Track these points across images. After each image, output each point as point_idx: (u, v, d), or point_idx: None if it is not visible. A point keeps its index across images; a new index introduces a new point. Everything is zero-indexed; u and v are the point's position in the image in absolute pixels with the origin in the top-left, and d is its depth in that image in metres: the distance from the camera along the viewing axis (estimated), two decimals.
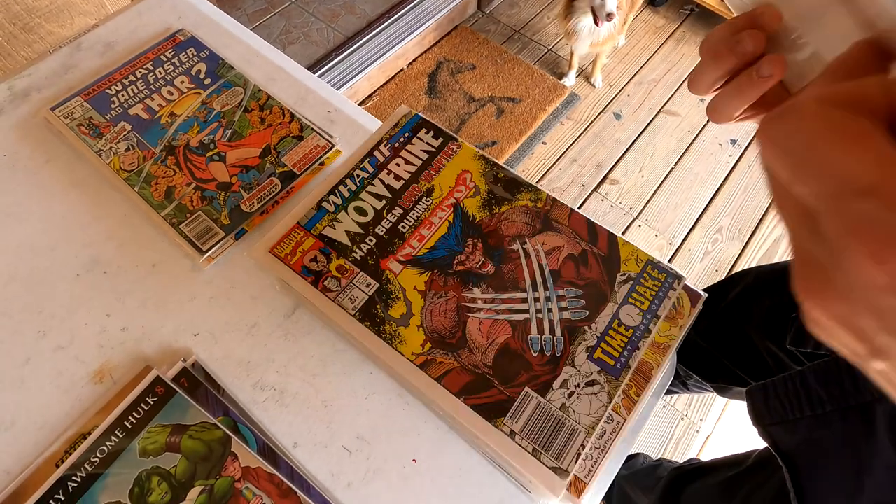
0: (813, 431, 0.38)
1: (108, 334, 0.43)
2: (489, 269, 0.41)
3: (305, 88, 0.57)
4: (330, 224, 0.43)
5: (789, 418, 0.39)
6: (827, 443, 0.37)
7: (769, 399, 0.41)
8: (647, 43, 1.79)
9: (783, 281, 0.55)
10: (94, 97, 0.53)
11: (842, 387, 0.35)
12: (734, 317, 0.59)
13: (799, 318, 0.47)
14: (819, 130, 0.14)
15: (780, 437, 0.40)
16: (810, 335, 0.43)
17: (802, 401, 0.38)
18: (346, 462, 0.40)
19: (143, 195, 0.48)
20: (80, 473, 0.37)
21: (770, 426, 0.41)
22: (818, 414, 0.37)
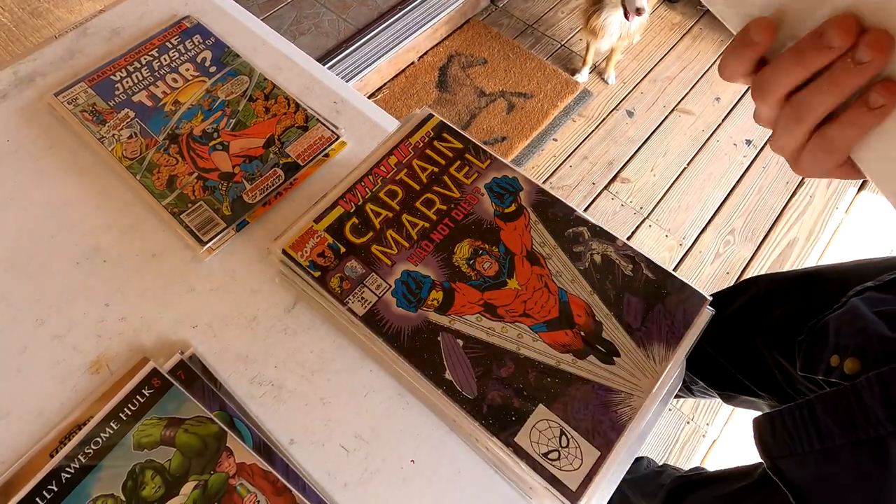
0: (822, 466, 0.36)
1: (107, 324, 0.43)
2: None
3: (312, 79, 0.56)
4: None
5: (797, 451, 0.37)
6: (838, 478, 0.35)
7: (776, 430, 0.39)
8: (663, 40, 1.75)
9: (794, 291, 0.53)
10: (99, 83, 0.53)
11: (852, 419, 0.34)
12: (742, 326, 0.57)
13: (807, 342, 0.45)
14: None
15: (789, 471, 0.38)
16: (820, 361, 0.42)
17: (811, 433, 0.36)
18: (343, 461, 0.39)
19: (144, 184, 0.48)
20: (73, 465, 0.36)
21: (779, 459, 0.39)
22: (827, 447, 0.35)
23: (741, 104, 1.63)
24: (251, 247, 0.46)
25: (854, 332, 0.38)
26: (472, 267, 0.40)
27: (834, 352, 0.39)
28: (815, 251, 1.39)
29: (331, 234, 0.41)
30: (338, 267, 0.40)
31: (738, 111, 1.61)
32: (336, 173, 0.49)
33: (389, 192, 0.43)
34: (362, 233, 0.41)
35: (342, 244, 0.41)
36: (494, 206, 0.42)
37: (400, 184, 0.43)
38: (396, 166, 0.44)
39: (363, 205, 0.42)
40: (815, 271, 0.54)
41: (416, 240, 0.41)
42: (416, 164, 0.44)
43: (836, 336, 0.40)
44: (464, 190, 0.43)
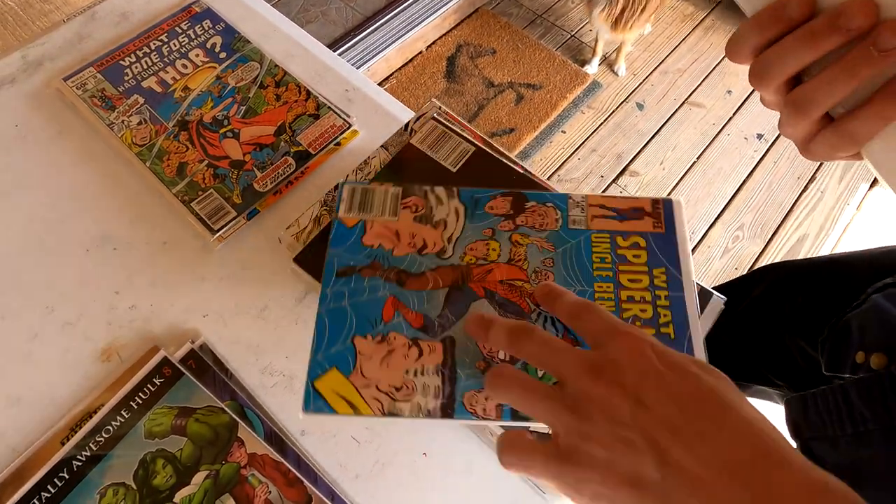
0: (855, 450, 0.35)
1: (117, 312, 0.42)
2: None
3: (323, 66, 0.55)
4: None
5: (829, 434, 0.37)
6: (871, 464, 0.34)
7: (808, 412, 0.38)
8: (674, 31, 1.73)
9: (818, 277, 0.52)
10: (108, 68, 0.52)
11: (886, 405, 0.33)
12: (762, 313, 0.56)
13: (829, 342, 0.44)
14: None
15: (822, 453, 0.38)
16: (846, 359, 0.41)
17: (844, 417, 0.36)
18: (354, 453, 0.38)
19: (154, 171, 0.47)
20: (84, 453, 0.36)
21: (810, 440, 0.39)
22: (860, 432, 0.35)
23: (753, 98, 1.60)
24: (262, 236, 0.46)
25: (879, 328, 0.38)
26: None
27: (859, 349, 0.38)
28: (825, 247, 1.37)
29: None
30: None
31: (750, 105, 1.59)
32: (348, 162, 0.48)
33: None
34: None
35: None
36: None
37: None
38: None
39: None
40: (840, 257, 0.53)
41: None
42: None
43: (860, 333, 0.39)
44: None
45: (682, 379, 0.22)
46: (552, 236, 0.37)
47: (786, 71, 0.23)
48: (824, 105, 0.23)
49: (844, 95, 0.22)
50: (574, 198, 0.38)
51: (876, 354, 0.36)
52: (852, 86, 0.22)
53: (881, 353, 0.36)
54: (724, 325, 0.60)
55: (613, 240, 0.37)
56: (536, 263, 0.35)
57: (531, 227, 0.37)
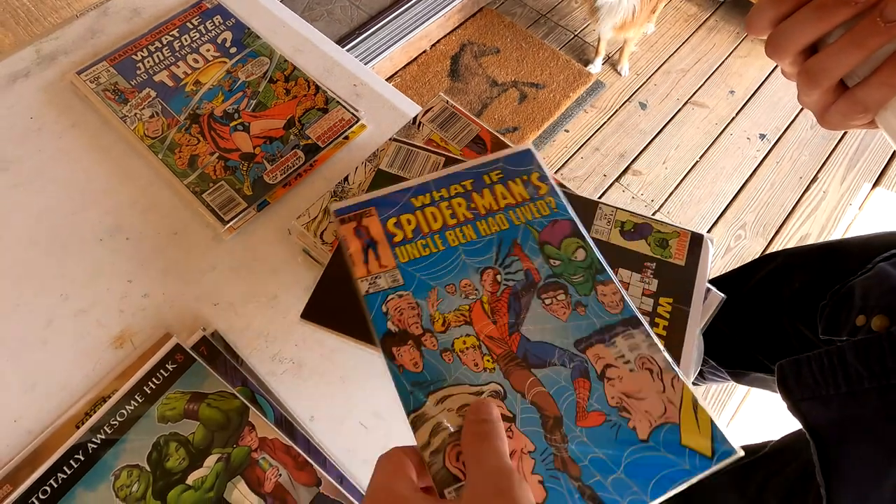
0: (847, 408, 0.36)
1: (130, 300, 0.43)
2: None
3: (332, 61, 0.56)
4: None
5: (822, 394, 0.37)
6: (862, 420, 0.35)
7: (801, 373, 0.39)
8: (678, 31, 1.73)
9: (814, 261, 0.53)
10: (120, 62, 0.53)
11: (883, 364, 0.34)
12: (760, 299, 0.57)
13: (830, 306, 0.45)
14: None
15: (811, 413, 0.39)
16: (845, 322, 0.42)
17: (838, 376, 0.36)
18: (362, 438, 0.39)
19: (166, 162, 0.48)
20: (99, 436, 0.37)
21: (801, 401, 0.40)
22: (855, 390, 0.36)
23: (756, 98, 1.61)
24: (272, 227, 0.47)
25: (882, 292, 0.39)
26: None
27: (860, 312, 0.39)
28: None
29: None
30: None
31: (753, 105, 1.60)
32: (356, 156, 0.49)
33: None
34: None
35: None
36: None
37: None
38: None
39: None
40: (836, 242, 0.54)
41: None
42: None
43: (863, 298, 0.40)
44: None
45: None
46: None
47: (800, 42, 0.24)
48: (835, 74, 0.24)
49: (854, 65, 0.23)
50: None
51: (878, 316, 0.37)
52: (861, 56, 0.23)
53: (882, 314, 0.37)
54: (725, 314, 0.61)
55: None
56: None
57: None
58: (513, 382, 0.31)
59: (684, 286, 0.37)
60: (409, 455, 0.28)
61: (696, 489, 0.67)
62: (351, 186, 0.43)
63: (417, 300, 0.33)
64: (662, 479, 0.28)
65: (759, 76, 1.65)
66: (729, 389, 1.19)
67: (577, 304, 0.33)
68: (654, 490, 0.28)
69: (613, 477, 0.28)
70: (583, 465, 0.28)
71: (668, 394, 0.30)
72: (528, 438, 0.29)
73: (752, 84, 1.63)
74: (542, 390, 0.30)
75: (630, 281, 0.37)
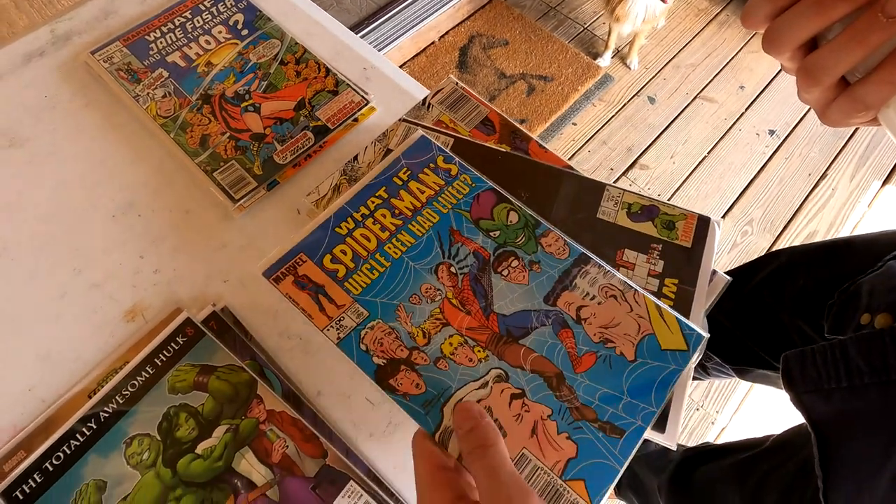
0: (847, 402, 0.36)
1: (142, 275, 0.44)
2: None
3: (342, 44, 0.56)
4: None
5: (824, 387, 0.38)
6: (861, 415, 0.35)
7: (805, 366, 0.39)
8: (688, 25, 1.72)
9: (819, 260, 0.53)
10: (133, 43, 0.54)
11: (885, 360, 0.34)
12: (764, 297, 0.57)
13: (837, 305, 0.45)
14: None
15: (813, 406, 0.39)
16: (850, 321, 0.42)
17: (840, 370, 0.37)
18: (368, 413, 0.40)
19: (178, 141, 0.48)
20: (111, 405, 0.38)
21: (804, 394, 0.40)
22: (855, 385, 0.36)
23: (766, 93, 1.60)
24: (281, 206, 0.47)
25: (888, 290, 0.39)
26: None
27: (866, 310, 0.39)
28: None
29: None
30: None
31: (763, 100, 1.58)
32: (365, 138, 0.50)
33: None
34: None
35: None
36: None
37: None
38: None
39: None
40: (842, 241, 0.54)
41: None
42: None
43: (869, 296, 0.40)
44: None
45: None
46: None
47: (798, 37, 0.24)
48: (834, 72, 0.23)
49: (854, 62, 0.23)
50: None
51: (882, 315, 0.37)
52: (862, 53, 0.22)
53: (887, 312, 0.37)
54: (729, 310, 0.61)
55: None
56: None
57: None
58: (508, 360, 0.32)
59: (690, 268, 0.37)
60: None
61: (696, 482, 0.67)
62: (360, 165, 0.43)
63: (390, 325, 0.33)
64: (660, 386, 0.30)
65: (770, 71, 1.64)
66: (732, 386, 1.19)
67: (530, 263, 0.34)
68: (656, 398, 0.30)
69: (622, 403, 0.30)
70: (595, 406, 0.30)
71: (636, 311, 0.32)
72: (543, 405, 0.30)
73: (762, 79, 1.62)
74: (536, 356, 0.31)
75: (636, 262, 0.37)
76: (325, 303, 0.33)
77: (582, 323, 0.32)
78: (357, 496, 0.36)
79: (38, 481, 0.36)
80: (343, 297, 0.34)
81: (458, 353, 0.32)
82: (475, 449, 0.27)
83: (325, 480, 0.37)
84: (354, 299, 0.34)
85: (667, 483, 0.67)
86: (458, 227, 0.36)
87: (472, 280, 0.34)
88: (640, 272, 0.37)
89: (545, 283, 0.34)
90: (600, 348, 0.31)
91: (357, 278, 0.34)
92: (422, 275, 0.34)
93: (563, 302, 0.33)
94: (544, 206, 0.39)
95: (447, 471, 0.27)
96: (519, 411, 0.30)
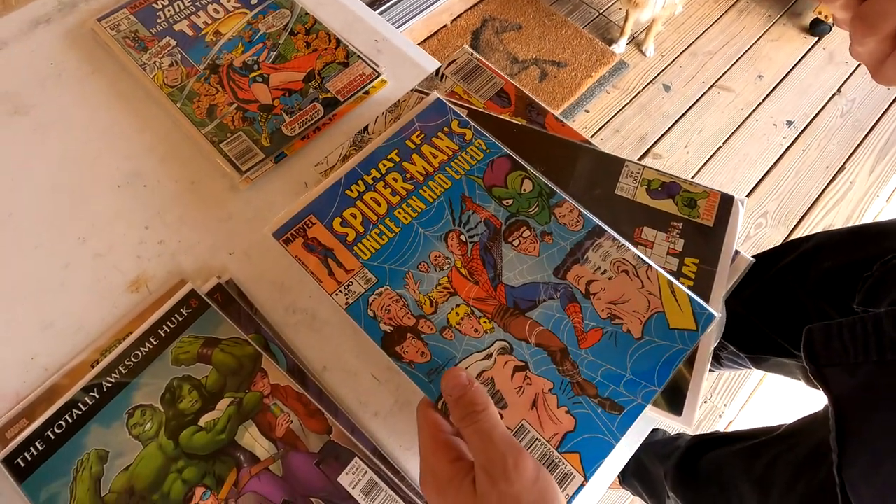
0: (876, 377, 0.35)
1: (146, 246, 0.43)
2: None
3: (354, 16, 0.54)
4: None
5: (849, 361, 0.36)
6: (888, 389, 0.34)
7: (831, 339, 0.38)
8: (707, 12, 1.68)
9: (846, 243, 0.51)
10: (141, 10, 0.52)
11: None
12: (787, 282, 0.56)
13: (873, 278, 0.43)
14: None
15: (834, 379, 0.38)
16: (885, 295, 0.40)
17: (870, 344, 0.35)
18: (374, 391, 0.39)
19: (184, 111, 0.47)
20: (114, 375, 0.37)
21: (825, 367, 0.39)
22: (886, 360, 0.34)
23: (785, 83, 1.56)
24: (289, 179, 0.46)
25: None
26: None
27: None
28: None
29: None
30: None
31: (782, 90, 1.55)
32: (376, 111, 0.48)
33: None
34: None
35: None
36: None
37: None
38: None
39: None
40: (871, 225, 0.52)
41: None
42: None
43: None
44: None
45: None
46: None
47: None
48: (894, 18, 0.21)
49: None
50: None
51: None
52: None
53: None
54: (747, 297, 0.59)
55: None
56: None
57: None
58: (514, 333, 0.31)
59: (712, 247, 0.35)
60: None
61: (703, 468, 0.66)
62: (371, 136, 0.42)
63: (398, 292, 0.33)
64: (664, 365, 0.30)
65: (790, 61, 1.59)
66: (740, 379, 1.17)
67: (542, 234, 0.33)
68: (659, 377, 0.29)
69: (624, 381, 0.30)
70: (597, 382, 0.29)
71: (647, 287, 0.31)
72: (545, 378, 0.29)
73: (781, 69, 1.58)
74: (541, 330, 0.31)
75: (655, 240, 0.36)
76: (335, 267, 0.33)
77: (591, 298, 0.32)
78: (361, 473, 0.35)
79: (40, 449, 0.35)
80: (352, 261, 0.33)
81: (464, 323, 0.31)
82: (467, 415, 0.27)
83: (329, 456, 0.36)
84: (363, 264, 0.33)
85: (673, 469, 0.66)
86: (470, 194, 0.34)
87: (482, 249, 0.33)
88: (658, 251, 0.36)
89: (556, 256, 0.32)
90: (607, 324, 0.31)
91: (366, 243, 0.33)
92: (431, 242, 0.33)
93: (572, 275, 0.32)
94: (560, 181, 0.38)
95: (447, 435, 0.28)
96: (521, 384, 0.30)
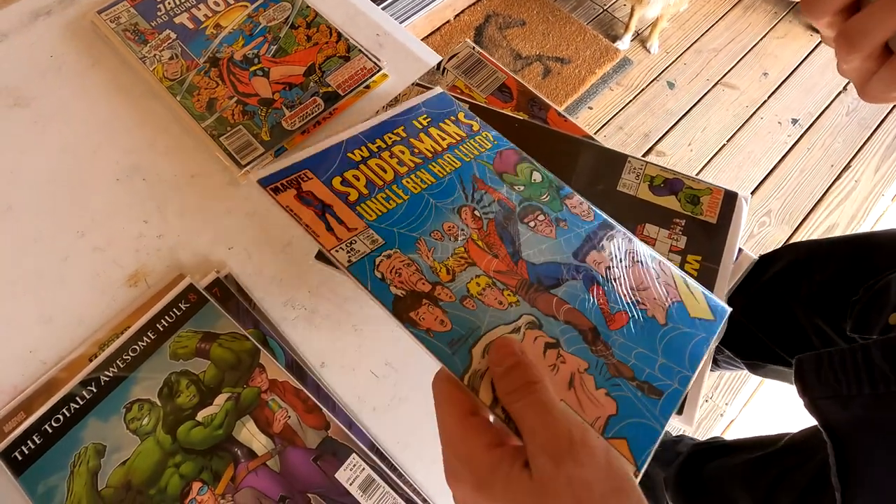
0: (871, 411, 0.34)
1: (145, 240, 0.43)
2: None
3: (355, 9, 0.54)
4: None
5: (842, 393, 0.35)
6: (886, 424, 0.33)
7: (822, 370, 0.37)
8: (712, 8, 1.67)
9: (838, 256, 0.50)
10: (141, 3, 0.52)
11: None
12: (778, 291, 0.55)
13: (862, 302, 0.43)
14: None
15: (829, 412, 0.37)
16: (877, 320, 0.40)
17: (862, 376, 0.34)
18: (372, 386, 0.39)
19: (184, 105, 0.47)
20: (112, 369, 0.37)
21: (819, 399, 0.38)
22: (880, 393, 0.34)
23: (790, 81, 1.55)
24: None
25: None
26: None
27: (893, 310, 0.37)
28: None
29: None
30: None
31: (787, 88, 1.53)
32: (377, 105, 0.48)
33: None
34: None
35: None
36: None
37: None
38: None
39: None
40: (864, 235, 0.51)
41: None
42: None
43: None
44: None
45: None
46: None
47: (832, 5, 0.21)
48: (876, 37, 0.21)
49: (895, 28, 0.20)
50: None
51: None
52: None
53: None
54: (742, 305, 0.59)
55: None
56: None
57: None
58: (541, 308, 0.29)
59: (714, 244, 0.35)
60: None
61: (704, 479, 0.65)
62: None
63: (409, 256, 0.30)
64: (693, 352, 0.29)
65: (795, 59, 1.58)
66: (742, 378, 1.17)
67: (557, 220, 0.33)
68: (690, 364, 0.29)
69: (659, 364, 0.28)
70: (632, 364, 0.28)
71: (662, 277, 0.31)
72: (579, 357, 0.28)
73: (787, 66, 1.57)
74: (569, 307, 0.29)
75: (657, 237, 0.36)
76: (334, 223, 0.31)
77: (612, 282, 0.30)
78: (359, 469, 0.35)
79: (38, 443, 0.35)
80: (355, 220, 0.31)
81: (486, 293, 0.29)
82: (520, 387, 0.23)
83: (326, 452, 0.36)
84: (368, 224, 0.31)
85: (674, 477, 0.66)
86: (481, 175, 0.33)
87: (499, 226, 0.32)
88: (661, 248, 0.35)
89: (573, 240, 0.32)
90: (632, 308, 0.30)
91: (371, 205, 0.32)
92: (444, 213, 0.32)
93: (591, 260, 0.31)
94: (562, 177, 0.37)
95: (479, 417, 0.24)
96: (554, 361, 0.27)
